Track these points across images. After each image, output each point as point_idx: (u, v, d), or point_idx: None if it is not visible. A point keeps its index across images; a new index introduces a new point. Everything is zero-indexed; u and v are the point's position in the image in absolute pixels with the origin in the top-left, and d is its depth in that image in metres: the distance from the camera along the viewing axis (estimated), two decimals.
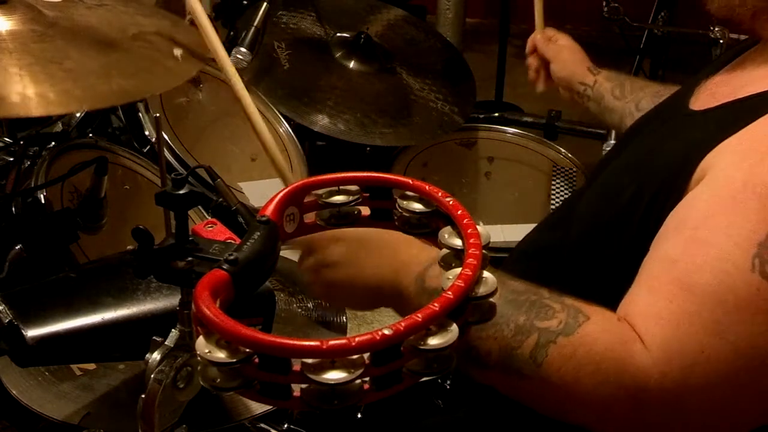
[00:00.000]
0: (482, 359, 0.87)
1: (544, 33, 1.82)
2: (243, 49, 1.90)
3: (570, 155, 2.09)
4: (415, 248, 0.93)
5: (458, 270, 0.65)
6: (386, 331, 0.58)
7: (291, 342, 0.57)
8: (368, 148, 2.08)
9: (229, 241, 0.80)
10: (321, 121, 1.93)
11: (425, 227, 0.78)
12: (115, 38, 1.19)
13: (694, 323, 0.81)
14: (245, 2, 2.08)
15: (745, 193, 0.85)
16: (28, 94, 1.04)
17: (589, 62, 1.72)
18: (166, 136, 1.72)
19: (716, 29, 2.00)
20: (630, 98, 1.59)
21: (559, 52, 1.75)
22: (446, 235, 0.72)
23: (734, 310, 0.81)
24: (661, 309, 0.83)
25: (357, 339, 0.57)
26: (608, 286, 0.92)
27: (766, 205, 0.84)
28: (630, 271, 0.91)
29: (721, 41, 1.99)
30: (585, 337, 0.84)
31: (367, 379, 0.60)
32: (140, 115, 1.79)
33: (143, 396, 0.83)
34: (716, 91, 1.06)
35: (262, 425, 1.28)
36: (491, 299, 0.66)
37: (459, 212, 0.72)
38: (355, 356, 0.58)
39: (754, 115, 0.91)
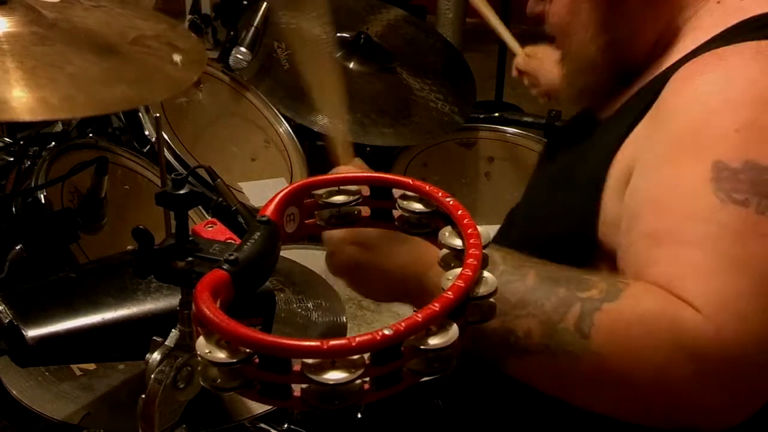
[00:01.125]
0: (521, 342, 0.82)
1: (523, 53, 1.85)
2: (243, 49, 1.90)
3: None
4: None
5: (458, 270, 0.65)
6: (386, 331, 0.58)
7: (291, 342, 0.57)
8: (368, 148, 2.08)
9: (229, 241, 0.80)
10: (321, 121, 1.93)
11: (425, 227, 0.78)
12: (115, 43, 1.19)
13: (712, 267, 0.80)
14: (245, 2, 2.08)
15: (674, 148, 0.87)
16: (28, 98, 1.04)
17: None
18: (166, 136, 1.72)
19: None
20: None
21: (542, 63, 1.77)
22: (446, 235, 0.72)
23: (735, 241, 0.81)
24: (675, 271, 0.81)
25: (357, 339, 0.57)
26: None
27: (696, 147, 0.86)
28: None
29: None
30: (630, 300, 0.80)
31: (367, 379, 0.60)
32: (140, 115, 1.79)
33: (143, 396, 0.83)
34: (614, 101, 1.09)
35: (262, 425, 1.28)
36: (491, 299, 0.66)
37: (459, 212, 0.72)
38: (355, 356, 0.58)
39: (651, 95, 0.95)
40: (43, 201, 1.45)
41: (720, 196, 0.82)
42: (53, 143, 1.60)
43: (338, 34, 2.14)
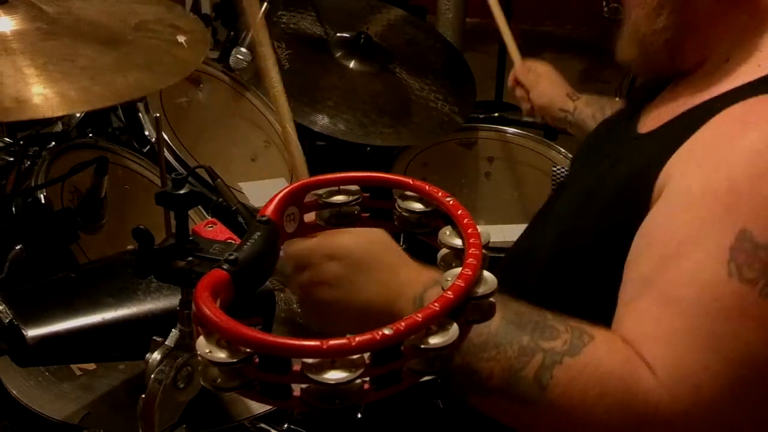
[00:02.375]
0: (483, 383, 0.84)
1: (524, 64, 1.85)
2: (243, 49, 1.90)
3: (570, 155, 2.09)
4: (414, 270, 0.91)
5: (458, 270, 0.65)
6: (386, 331, 0.58)
7: (291, 342, 0.58)
8: (368, 148, 2.09)
9: (229, 241, 0.80)
10: (321, 121, 1.93)
11: (425, 227, 0.78)
12: (119, 30, 1.20)
13: (687, 340, 0.80)
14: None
15: (705, 200, 0.84)
16: (48, 94, 1.04)
17: (568, 88, 1.73)
18: (166, 136, 1.72)
19: None
20: None
21: (538, 81, 1.77)
22: (446, 235, 0.72)
23: (723, 320, 0.80)
24: (651, 330, 0.82)
25: (357, 339, 0.57)
26: (585, 306, 0.90)
27: (729, 209, 0.83)
28: (602, 292, 0.90)
29: None
30: (591, 358, 0.81)
31: (367, 378, 0.60)
32: (140, 115, 1.79)
33: (143, 396, 0.83)
34: (659, 112, 1.06)
35: (262, 425, 1.28)
36: (491, 299, 0.66)
37: (459, 212, 0.72)
38: (355, 356, 0.58)
39: (697, 125, 0.91)
40: (43, 201, 1.45)
41: (731, 268, 0.80)
42: (53, 143, 1.60)
43: (338, 34, 2.14)
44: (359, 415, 1.37)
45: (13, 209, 1.43)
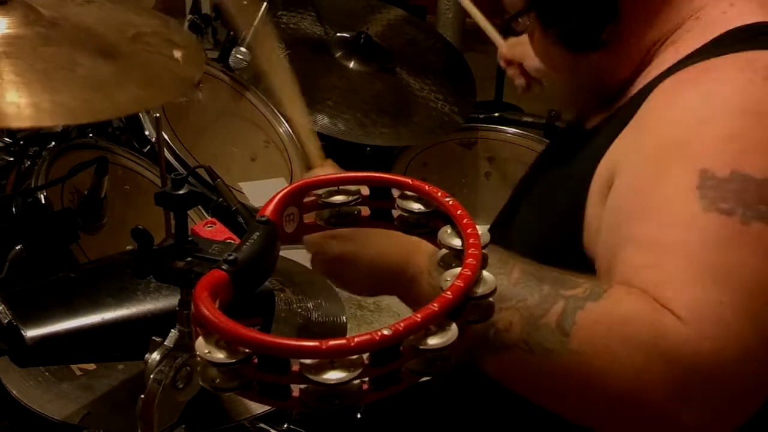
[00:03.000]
0: (501, 336, 0.80)
1: (507, 43, 1.83)
2: (243, 49, 1.90)
3: None
4: (424, 243, 0.92)
5: (458, 270, 0.65)
6: (385, 332, 0.58)
7: (290, 342, 0.57)
8: (368, 148, 2.09)
9: (228, 241, 0.80)
10: (321, 121, 1.93)
11: (425, 227, 0.77)
12: (117, 42, 1.19)
13: (695, 275, 0.79)
14: (245, 2, 2.08)
15: (659, 156, 0.87)
16: (48, 103, 1.03)
17: None
18: (166, 136, 1.72)
19: None
20: None
21: (526, 49, 1.73)
22: (446, 235, 0.72)
23: (719, 249, 0.80)
24: (656, 277, 0.80)
25: (356, 339, 0.57)
26: None
27: (682, 156, 0.85)
28: None
29: None
30: (613, 301, 0.79)
31: (366, 379, 0.60)
32: (140, 115, 1.79)
33: (143, 396, 0.83)
34: (601, 110, 1.09)
35: (262, 425, 1.28)
36: (490, 299, 0.66)
37: (459, 212, 0.72)
38: (354, 356, 0.58)
39: (634, 108, 0.94)
40: (43, 201, 1.45)
41: (704, 204, 0.81)
42: (53, 143, 1.60)
43: (338, 34, 2.14)
44: (359, 416, 1.37)
45: (13, 209, 1.43)
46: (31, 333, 0.95)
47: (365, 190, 0.79)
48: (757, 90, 0.87)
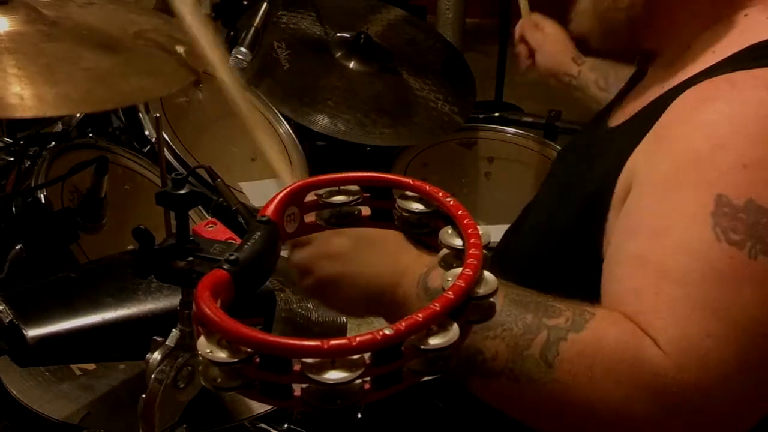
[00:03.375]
0: (488, 364, 0.83)
1: (531, 19, 1.83)
2: (243, 49, 1.90)
3: None
4: (414, 253, 0.92)
5: (459, 270, 0.65)
6: (387, 331, 0.58)
7: (292, 342, 0.57)
8: (368, 148, 2.08)
9: (229, 241, 0.80)
10: (321, 121, 1.93)
11: (425, 227, 0.78)
12: (119, 37, 1.20)
13: (688, 308, 0.80)
14: (245, 2, 2.08)
15: (677, 176, 0.86)
16: (50, 95, 1.03)
17: (574, 51, 1.73)
18: (166, 136, 1.72)
19: None
20: (614, 89, 1.56)
21: (544, 42, 1.76)
22: (447, 235, 0.72)
23: (719, 284, 0.80)
24: (651, 304, 0.81)
25: (358, 339, 0.57)
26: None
27: (699, 179, 0.84)
28: (579, 288, 0.90)
29: None
30: (595, 333, 0.81)
31: (367, 378, 0.60)
32: (140, 115, 1.79)
33: (144, 396, 0.83)
34: (628, 106, 1.08)
35: (262, 425, 1.28)
36: (491, 299, 0.66)
37: (459, 212, 0.72)
38: (355, 356, 0.58)
39: (657, 115, 0.93)
40: (43, 201, 1.45)
41: (717, 232, 0.81)
42: (53, 143, 1.60)
43: (338, 34, 2.14)
44: (359, 415, 1.37)
45: (13, 209, 1.42)
46: (32, 333, 0.95)
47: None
48: None
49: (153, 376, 0.82)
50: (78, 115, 1.75)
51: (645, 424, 0.79)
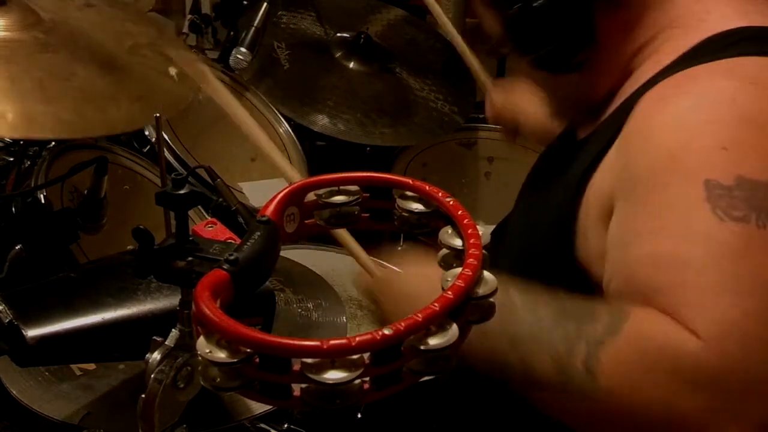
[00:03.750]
0: (539, 379, 0.84)
1: (498, 87, 1.67)
2: (243, 49, 1.90)
3: None
4: None
5: (458, 270, 0.65)
6: (386, 331, 0.58)
7: (291, 342, 0.58)
8: (368, 148, 2.09)
9: (229, 241, 0.80)
10: (321, 121, 1.93)
11: (425, 227, 0.78)
12: (113, 53, 1.19)
13: (717, 292, 0.79)
14: (245, 2, 2.08)
15: (658, 173, 0.86)
16: (44, 114, 1.02)
17: None
18: (166, 136, 1.72)
19: None
20: None
21: (519, 103, 1.58)
22: (446, 235, 0.72)
23: (739, 260, 0.80)
24: (681, 296, 0.81)
25: (357, 339, 0.57)
26: None
27: (682, 171, 0.84)
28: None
29: None
30: (631, 333, 0.80)
31: (367, 378, 0.60)
32: None
33: (143, 396, 0.83)
34: (593, 117, 1.08)
35: (262, 425, 1.28)
36: (491, 299, 0.66)
37: (459, 212, 0.72)
38: (355, 356, 0.58)
39: (621, 120, 0.94)
40: (43, 201, 1.45)
41: (718, 213, 0.81)
42: (53, 143, 1.60)
43: (338, 34, 2.14)
44: (359, 415, 1.37)
45: (13, 209, 1.42)
46: (32, 333, 0.94)
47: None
48: (743, 96, 0.86)
49: (153, 376, 0.82)
50: None
51: (697, 419, 0.77)
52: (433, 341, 0.60)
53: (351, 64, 2.11)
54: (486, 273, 0.66)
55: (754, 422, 0.78)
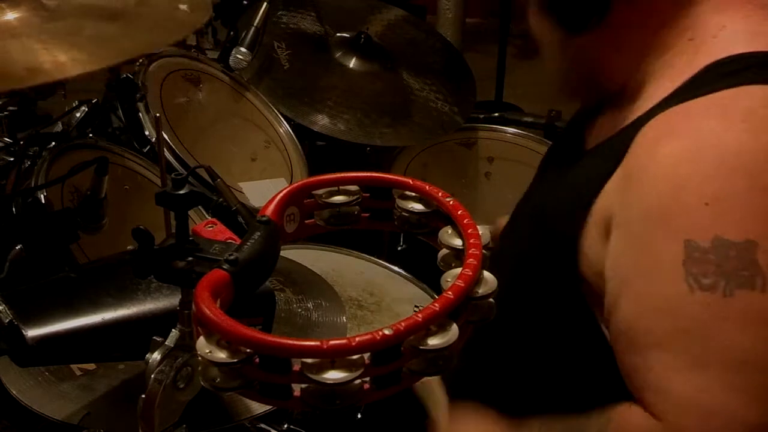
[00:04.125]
0: None
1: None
2: (243, 49, 1.90)
3: None
4: None
5: (458, 270, 0.65)
6: (386, 331, 0.58)
7: (291, 342, 0.58)
8: (368, 148, 2.09)
9: (229, 241, 0.80)
10: (321, 121, 1.93)
11: (425, 227, 0.78)
12: (121, 8, 1.22)
13: (676, 370, 0.82)
14: (245, 2, 2.08)
15: (645, 225, 0.87)
16: (60, 59, 1.08)
17: None
18: (166, 136, 1.72)
19: None
20: None
21: None
22: (446, 235, 0.72)
23: (704, 334, 0.81)
24: (644, 379, 0.84)
25: (357, 339, 0.57)
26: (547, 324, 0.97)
27: (667, 227, 0.85)
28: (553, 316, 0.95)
29: None
30: None
31: (367, 379, 0.60)
32: (140, 115, 1.79)
33: (143, 396, 0.83)
34: (600, 129, 1.07)
35: (262, 425, 1.28)
36: (491, 299, 0.66)
37: (459, 212, 0.72)
38: (355, 356, 0.58)
39: (624, 148, 0.93)
40: (43, 201, 1.45)
41: (690, 282, 0.82)
42: (53, 143, 1.60)
43: (338, 34, 2.14)
44: (359, 415, 1.37)
45: (13, 209, 1.42)
46: (31, 333, 0.94)
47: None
48: (732, 140, 0.85)
49: (153, 376, 0.82)
50: (78, 114, 1.75)
51: None
52: (433, 341, 0.60)
53: (351, 64, 2.11)
54: (486, 273, 0.66)
55: None
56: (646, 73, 1.00)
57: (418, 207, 0.76)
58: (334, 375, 0.57)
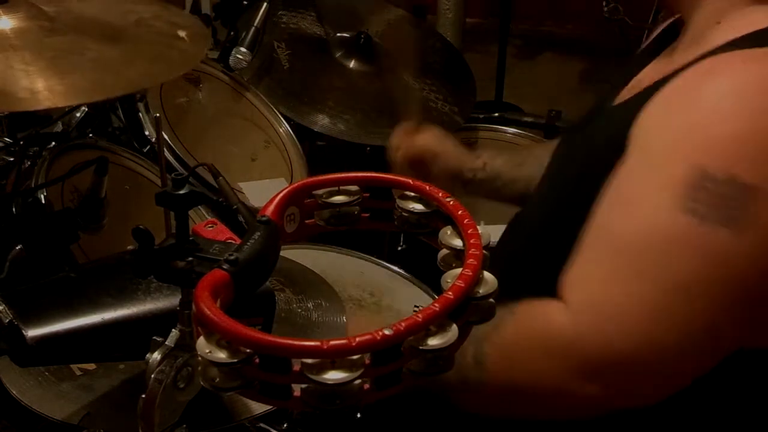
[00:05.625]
0: (451, 384, 0.92)
1: (397, 133, 1.57)
2: (243, 49, 1.90)
3: None
4: None
5: (458, 270, 0.65)
6: (386, 332, 0.58)
7: (291, 342, 0.58)
8: (368, 148, 2.09)
9: (229, 241, 0.80)
10: (321, 121, 1.93)
11: (425, 227, 0.78)
12: (121, 26, 1.22)
13: (611, 271, 0.85)
14: (245, 2, 2.08)
15: (665, 147, 0.88)
16: (59, 86, 1.07)
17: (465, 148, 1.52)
18: (166, 136, 1.72)
19: None
20: (531, 161, 1.43)
21: (431, 148, 1.51)
22: (446, 236, 0.72)
23: (664, 250, 0.83)
24: (590, 272, 0.87)
25: (357, 339, 0.57)
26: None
27: (683, 143, 0.87)
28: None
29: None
30: (511, 325, 0.89)
31: (367, 379, 0.60)
32: (140, 115, 1.79)
33: (143, 396, 0.83)
34: (634, 85, 1.08)
35: (262, 425, 1.28)
36: (491, 299, 0.66)
37: (459, 212, 0.72)
38: (355, 356, 0.58)
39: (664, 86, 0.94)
40: (43, 201, 1.45)
41: (684, 203, 0.84)
42: (53, 143, 1.60)
43: (338, 34, 2.14)
44: (359, 415, 1.37)
45: (13, 209, 1.42)
46: (31, 332, 0.94)
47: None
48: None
49: (153, 376, 0.82)
50: (78, 114, 1.75)
51: (564, 387, 0.86)
52: (433, 342, 0.60)
53: (351, 64, 2.11)
54: (486, 273, 0.66)
55: (620, 391, 0.85)
56: (721, 17, 0.99)
57: (418, 207, 0.76)
58: (334, 375, 0.57)
